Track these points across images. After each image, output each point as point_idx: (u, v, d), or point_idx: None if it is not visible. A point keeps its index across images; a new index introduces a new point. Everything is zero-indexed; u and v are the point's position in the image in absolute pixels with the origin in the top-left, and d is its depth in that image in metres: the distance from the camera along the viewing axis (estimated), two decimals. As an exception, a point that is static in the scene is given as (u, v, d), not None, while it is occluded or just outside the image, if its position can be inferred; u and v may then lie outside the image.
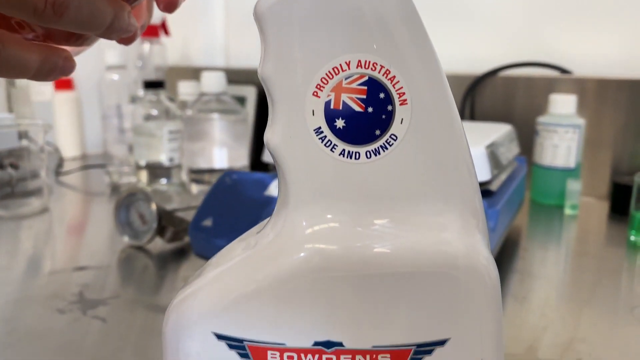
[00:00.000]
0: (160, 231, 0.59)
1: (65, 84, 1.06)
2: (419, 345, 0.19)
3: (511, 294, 0.49)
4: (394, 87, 0.18)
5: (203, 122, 0.83)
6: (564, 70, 0.84)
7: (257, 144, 0.98)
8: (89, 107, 1.08)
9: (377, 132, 0.18)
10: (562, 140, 0.76)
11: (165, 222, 0.59)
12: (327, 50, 0.18)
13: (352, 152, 0.19)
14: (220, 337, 0.20)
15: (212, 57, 1.12)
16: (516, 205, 0.60)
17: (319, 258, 0.19)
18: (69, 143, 1.07)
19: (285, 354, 0.19)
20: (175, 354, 0.21)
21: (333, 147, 0.19)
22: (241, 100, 1.00)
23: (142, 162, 0.83)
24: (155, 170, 0.84)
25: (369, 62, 0.18)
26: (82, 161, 1.05)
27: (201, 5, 1.11)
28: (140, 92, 0.92)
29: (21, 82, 1.20)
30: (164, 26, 1.04)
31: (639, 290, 0.51)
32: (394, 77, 0.18)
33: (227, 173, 0.53)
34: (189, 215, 0.62)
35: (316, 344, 0.19)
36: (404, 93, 0.18)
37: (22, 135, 0.79)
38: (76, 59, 0.29)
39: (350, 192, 0.19)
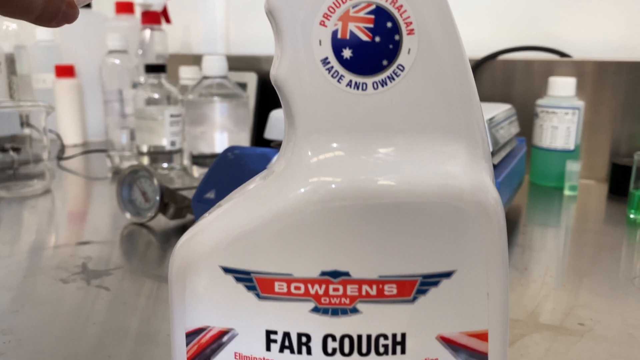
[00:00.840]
0: (163, 208, 0.59)
1: (66, 72, 1.06)
2: (425, 276, 0.20)
3: (512, 265, 0.50)
4: (401, 16, 0.18)
5: (204, 106, 0.83)
6: (562, 54, 0.84)
7: (258, 129, 0.98)
8: (90, 95, 1.09)
9: (385, 63, 0.19)
10: (562, 122, 0.76)
11: (168, 199, 0.59)
12: None
13: (359, 83, 0.19)
14: (227, 270, 0.20)
15: (212, 44, 1.12)
16: (516, 182, 0.61)
17: (324, 190, 0.19)
18: (70, 131, 1.07)
19: (292, 285, 0.20)
20: (182, 292, 0.21)
21: (340, 78, 0.19)
22: (242, 86, 1.00)
23: (144, 147, 0.83)
24: (157, 155, 0.84)
25: None
26: (84, 148, 1.05)
27: (202, -8, 1.11)
28: (142, 78, 0.92)
29: (22, 70, 1.21)
30: (164, 13, 1.04)
31: (639, 264, 0.51)
32: (401, 5, 0.18)
33: (230, 148, 0.53)
34: (190, 194, 0.62)
35: (323, 273, 0.19)
36: (411, 22, 0.18)
37: (24, 122, 0.79)
38: (77, 48, 0.29)
39: (357, 124, 0.19)
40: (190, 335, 0.21)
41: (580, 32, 0.85)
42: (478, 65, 0.86)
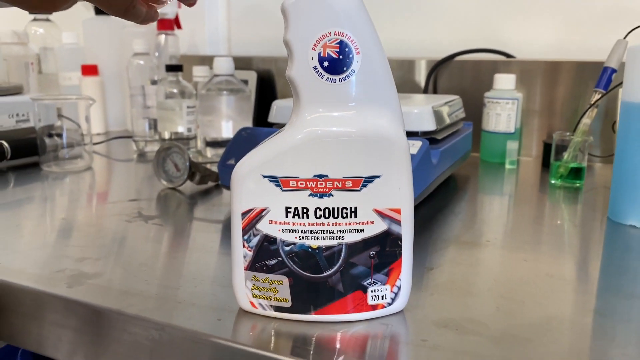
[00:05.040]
0: (191, 176, 0.77)
1: (91, 70, 1.23)
2: (366, 177, 0.38)
3: (450, 210, 0.68)
4: (353, 45, 0.36)
5: (214, 99, 1.01)
6: (508, 55, 1.03)
7: (257, 118, 1.17)
8: (112, 90, 1.26)
9: (345, 68, 0.37)
10: (504, 110, 0.95)
11: (194, 169, 0.77)
12: (318, 26, 0.36)
13: (332, 78, 0.37)
14: (264, 176, 0.38)
15: (216, 46, 1.30)
16: (461, 152, 0.79)
17: (314, 133, 0.37)
18: (94, 121, 1.24)
19: (299, 182, 0.38)
20: (239, 190, 0.39)
21: (322, 76, 0.37)
22: (244, 82, 1.18)
23: (166, 134, 1.01)
24: (177, 140, 1.02)
25: (340, 32, 0.36)
26: (106, 136, 1.22)
27: (207, 1, 1.29)
28: (156, 76, 1.10)
29: (48, 69, 1.38)
30: (176, 21, 1.22)
31: (553, 206, 0.70)
32: (353, 40, 0.36)
33: (243, 128, 0.72)
34: (211, 167, 0.80)
35: (315, 175, 0.38)
36: (357, 48, 0.36)
37: (59, 115, 0.97)
38: (99, 50, 0.45)
39: (332, 99, 0.37)
40: (244, 214, 0.39)
41: (522, 37, 1.05)
42: (438, 65, 1.05)
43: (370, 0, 1.15)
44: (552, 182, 0.84)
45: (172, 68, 1.00)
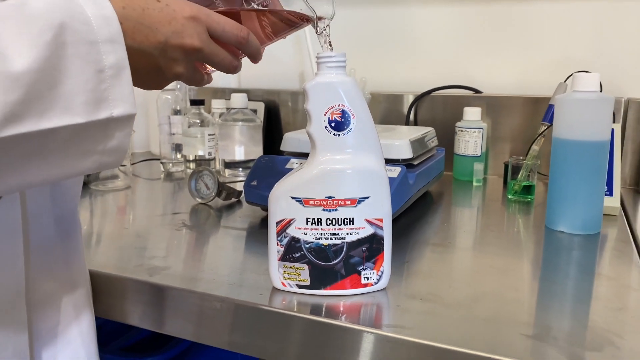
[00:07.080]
0: (218, 194, 0.96)
1: (119, 101, 1.42)
2: (360, 198, 0.57)
3: (425, 220, 0.88)
4: (350, 112, 0.56)
5: (230, 128, 1.21)
6: (476, 91, 1.24)
7: (265, 144, 1.36)
8: (136, 117, 1.45)
9: (345, 127, 0.56)
10: (471, 137, 1.15)
11: (221, 188, 0.96)
12: (327, 101, 0.56)
13: (337, 133, 0.56)
14: (292, 197, 0.58)
15: (228, 79, 1.49)
16: (434, 173, 0.99)
17: (324, 170, 0.57)
18: (122, 144, 1.43)
19: (315, 201, 0.57)
20: (275, 207, 0.58)
21: (330, 132, 0.56)
22: (253, 112, 1.37)
23: (190, 157, 1.20)
24: (199, 162, 1.21)
25: (342, 104, 0.56)
26: (132, 158, 1.41)
27: (219, 41, 1.49)
28: (178, 106, 1.29)
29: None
30: (194, 58, 1.41)
31: (507, 216, 0.90)
32: (350, 109, 0.56)
33: (262, 156, 0.91)
34: (234, 185, 0.99)
35: (325, 197, 0.57)
36: (353, 114, 0.56)
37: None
38: None
39: (336, 147, 0.57)
40: (278, 223, 0.58)
41: (488, 76, 1.25)
42: (418, 99, 1.25)
43: (365, 46, 1.34)
44: (509, 197, 1.04)
45: (195, 102, 1.20)
